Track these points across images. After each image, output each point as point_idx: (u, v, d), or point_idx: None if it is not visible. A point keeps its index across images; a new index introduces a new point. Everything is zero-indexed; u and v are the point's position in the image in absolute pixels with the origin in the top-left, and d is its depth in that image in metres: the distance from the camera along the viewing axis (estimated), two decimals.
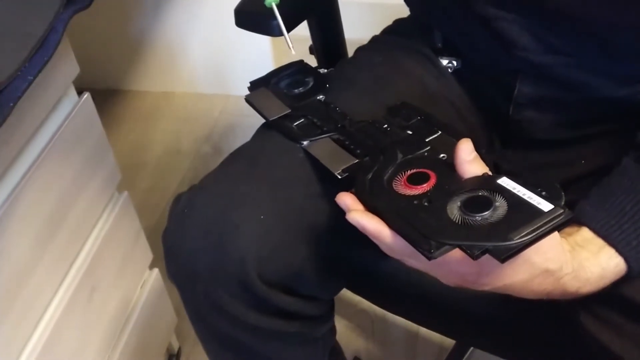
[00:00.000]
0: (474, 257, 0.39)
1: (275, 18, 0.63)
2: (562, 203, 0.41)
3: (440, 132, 0.53)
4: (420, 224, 0.42)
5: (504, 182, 0.43)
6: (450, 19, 0.66)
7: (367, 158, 0.52)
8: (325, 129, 0.58)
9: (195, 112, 1.65)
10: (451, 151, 0.46)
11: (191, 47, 1.63)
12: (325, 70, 0.70)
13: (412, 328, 1.10)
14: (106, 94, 1.70)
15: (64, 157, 0.72)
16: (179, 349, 1.11)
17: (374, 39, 0.77)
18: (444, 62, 0.70)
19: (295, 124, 0.59)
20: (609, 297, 0.50)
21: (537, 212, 0.40)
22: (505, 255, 0.39)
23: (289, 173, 0.58)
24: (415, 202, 0.44)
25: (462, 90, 0.69)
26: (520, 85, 0.62)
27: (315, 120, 0.59)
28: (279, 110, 0.62)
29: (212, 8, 1.54)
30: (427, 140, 0.52)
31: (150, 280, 0.95)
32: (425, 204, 0.44)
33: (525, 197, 0.42)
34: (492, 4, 0.58)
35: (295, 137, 0.58)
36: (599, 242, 0.49)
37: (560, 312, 0.53)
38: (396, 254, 0.45)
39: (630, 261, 0.48)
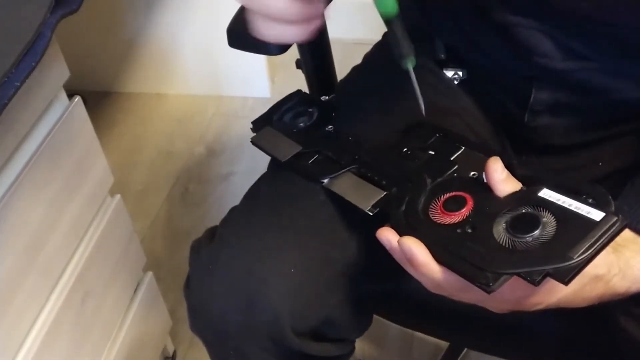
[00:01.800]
0: (536, 284, 0.37)
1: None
2: (613, 208, 0.39)
3: (463, 148, 0.50)
4: (470, 256, 0.39)
5: (545, 193, 0.41)
6: (459, 28, 0.63)
7: (394, 189, 0.49)
8: (342, 162, 0.54)
9: (188, 114, 1.65)
10: (480, 167, 0.44)
11: (184, 49, 1.62)
12: (327, 97, 0.66)
13: None
14: (99, 96, 1.69)
15: (55, 162, 0.72)
16: (174, 351, 1.11)
17: (369, 57, 0.74)
18: (449, 73, 0.66)
19: (310, 161, 0.56)
20: None
21: (589, 223, 0.38)
22: (569, 276, 0.37)
23: (312, 218, 0.56)
24: (458, 230, 0.42)
25: (470, 101, 0.67)
26: (537, 92, 0.60)
27: (329, 154, 0.55)
28: (290, 149, 0.58)
29: (204, 9, 1.53)
30: (452, 158, 0.49)
31: (144, 284, 0.94)
32: (469, 230, 0.41)
33: (572, 208, 0.39)
34: (512, 12, 0.56)
35: (314, 177, 0.54)
36: None
37: (596, 316, 0.53)
38: (444, 290, 0.43)
39: None
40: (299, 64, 0.88)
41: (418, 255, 0.41)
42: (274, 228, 0.56)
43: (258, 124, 0.63)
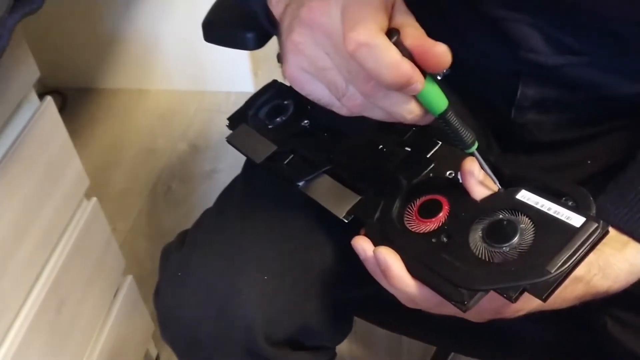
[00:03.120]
0: (513, 300, 0.35)
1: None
2: (594, 211, 0.38)
3: (440, 143, 0.49)
4: (445, 270, 0.38)
5: (524, 196, 0.39)
6: (443, 21, 0.60)
7: (370, 192, 0.47)
8: (317, 163, 0.52)
9: (170, 109, 1.62)
10: (457, 165, 0.43)
11: (165, 43, 1.59)
12: None
13: None
14: (79, 93, 1.66)
15: (26, 165, 0.69)
16: (158, 355, 1.08)
17: None
18: None
19: (286, 162, 0.54)
20: (631, 298, 0.48)
21: (569, 229, 0.36)
22: (547, 293, 0.35)
23: (288, 222, 0.54)
24: (433, 240, 0.40)
25: (455, 97, 0.65)
26: (523, 87, 0.59)
27: (305, 153, 0.54)
28: (265, 148, 0.56)
29: (185, 2, 1.50)
30: (428, 156, 0.48)
31: (124, 288, 0.92)
32: (444, 240, 0.40)
33: (551, 213, 0.38)
34: (502, 5, 0.54)
35: (289, 180, 0.53)
36: (623, 238, 0.46)
37: (582, 319, 0.52)
38: (418, 305, 0.42)
39: None
40: (279, 58, 0.85)
41: (393, 268, 0.39)
42: (247, 233, 0.54)
43: (234, 121, 0.61)
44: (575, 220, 0.37)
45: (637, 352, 0.49)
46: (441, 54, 0.38)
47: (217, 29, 0.65)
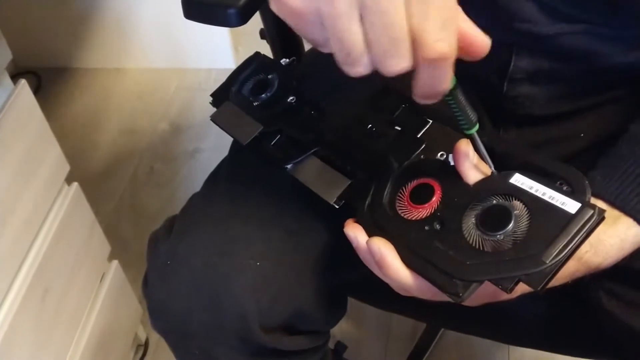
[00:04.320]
0: (508, 291, 0.35)
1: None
2: (589, 197, 0.37)
3: (431, 122, 0.47)
4: (439, 260, 0.37)
5: (517, 180, 0.38)
6: None
7: (360, 176, 0.46)
8: (305, 144, 0.51)
9: (149, 88, 1.58)
10: (449, 145, 0.41)
11: (142, 20, 1.55)
12: (287, 60, 0.61)
13: None
14: (54, 73, 1.61)
15: (3, 151, 0.66)
16: (147, 338, 1.07)
17: None
18: None
19: (273, 142, 0.52)
20: (625, 273, 0.48)
21: (564, 216, 0.35)
22: (542, 283, 0.35)
23: (278, 206, 0.53)
24: (426, 227, 0.39)
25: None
26: (516, 59, 0.57)
27: (292, 133, 0.52)
28: (251, 128, 0.54)
29: None
30: (419, 135, 0.46)
31: (110, 273, 0.90)
32: (437, 227, 0.39)
33: (546, 198, 0.37)
34: None
35: (277, 162, 0.51)
36: (615, 213, 0.46)
37: (578, 295, 0.52)
38: (413, 294, 0.41)
39: None
40: (263, 34, 0.83)
41: (387, 259, 0.39)
42: (237, 218, 0.52)
43: (218, 98, 0.59)
44: (571, 206, 0.36)
45: (632, 325, 0.49)
46: (484, 45, 0.37)
47: (198, 6, 0.62)
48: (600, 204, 0.46)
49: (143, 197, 1.34)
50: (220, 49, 1.57)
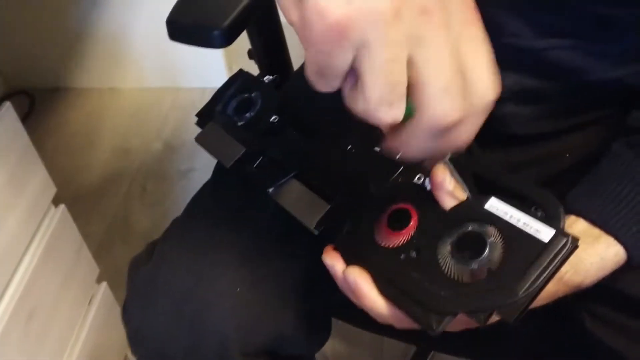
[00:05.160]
0: (482, 323, 0.35)
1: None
2: (563, 223, 0.36)
3: None
4: (414, 291, 0.37)
5: (492, 205, 0.38)
6: None
7: (339, 200, 0.46)
8: (286, 166, 0.50)
9: (143, 108, 1.58)
10: (426, 169, 0.41)
11: (135, 39, 1.55)
12: (270, 77, 0.60)
13: None
14: (48, 93, 1.61)
15: None
16: None
17: None
18: None
19: (255, 164, 0.51)
20: (608, 295, 0.48)
21: (537, 245, 0.35)
22: (515, 316, 0.34)
23: (260, 231, 0.53)
24: (402, 256, 0.39)
25: None
26: (501, 78, 0.58)
27: (275, 154, 0.51)
28: (234, 150, 0.53)
29: None
30: (397, 157, 0.45)
31: (98, 295, 0.89)
32: (413, 255, 0.39)
33: (520, 225, 0.36)
34: None
35: (259, 185, 0.50)
36: (595, 231, 0.46)
37: (562, 316, 0.51)
38: (390, 322, 0.41)
39: (631, 249, 0.45)
40: (251, 54, 0.82)
41: (363, 289, 0.39)
42: (217, 243, 0.52)
43: (203, 118, 0.58)
44: (544, 233, 0.35)
45: (616, 349, 0.49)
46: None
47: (182, 27, 0.62)
48: (581, 222, 0.46)
49: (135, 217, 1.33)
50: (214, 68, 1.57)
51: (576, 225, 0.46)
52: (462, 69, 0.34)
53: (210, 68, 1.57)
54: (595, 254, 0.45)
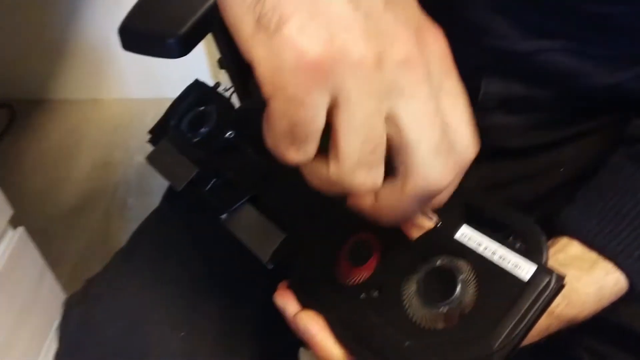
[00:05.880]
0: None
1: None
2: (545, 258, 0.31)
3: None
4: (374, 339, 0.32)
5: (464, 234, 0.33)
6: None
7: (295, 230, 0.41)
8: (240, 189, 0.46)
9: (125, 119, 1.54)
10: None
11: (117, 50, 1.50)
12: (226, 87, 0.57)
13: None
14: (29, 105, 1.58)
15: None
16: None
17: None
18: None
19: (208, 187, 0.47)
20: (608, 329, 0.43)
21: (515, 284, 0.30)
22: None
23: (209, 264, 0.48)
24: (362, 295, 0.34)
25: None
26: (486, 84, 0.52)
27: (229, 175, 0.47)
28: (187, 172, 0.49)
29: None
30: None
31: None
32: (375, 295, 0.34)
33: (495, 259, 0.31)
34: None
35: (211, 210, 0.46)
36: (592, 256, 0.40)
37: (553, 352, 0.46)
38: None
39: (633, 276, 0.40)
40: (222, 64, 0.78)
41: (316, 337, 0.34)
42: (161, 280, 0.47)
43: (156, 134, 0.54)
44: (524, 270, 0.30)
45: None
46: None
47: (134, 35, 0.57)
48: (576, 245, 0.41)
49: (116, 234, 1.29)
50: (199, 78, 1.53)
51: (569, 248, 0.41)
52: (444, 126, 0.29)
53: (194, 77, 1.53)
54: (592, 282, 0.40)
